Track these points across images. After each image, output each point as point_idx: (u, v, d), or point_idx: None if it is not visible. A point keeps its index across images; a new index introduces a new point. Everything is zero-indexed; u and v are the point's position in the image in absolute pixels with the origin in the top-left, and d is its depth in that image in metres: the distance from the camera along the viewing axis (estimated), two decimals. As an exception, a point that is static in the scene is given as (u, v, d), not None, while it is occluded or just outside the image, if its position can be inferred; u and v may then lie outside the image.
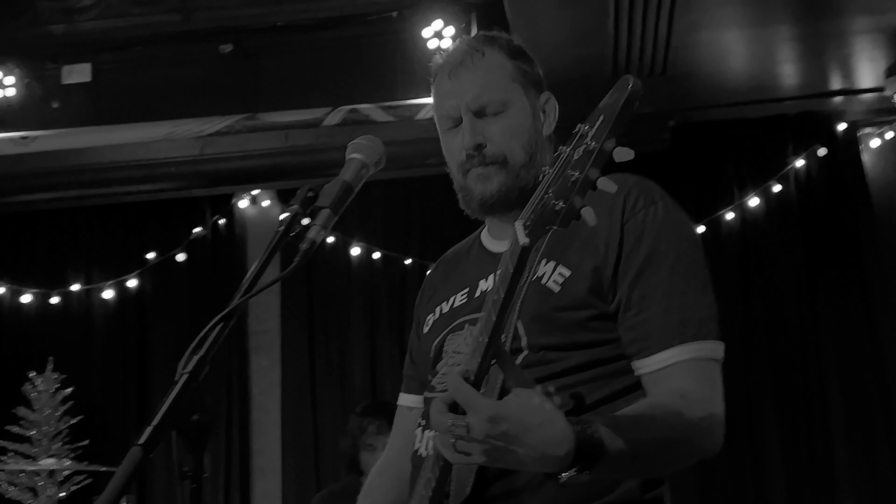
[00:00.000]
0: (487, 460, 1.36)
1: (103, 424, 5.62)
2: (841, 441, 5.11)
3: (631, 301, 1.65)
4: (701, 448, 1.59)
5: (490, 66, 1.83)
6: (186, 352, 1.60)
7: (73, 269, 5.96)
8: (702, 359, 1.61)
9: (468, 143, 1.80)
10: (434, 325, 1.91)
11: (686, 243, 1.72)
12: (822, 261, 5.32)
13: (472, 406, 1.34)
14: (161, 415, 1.50)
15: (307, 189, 1.80)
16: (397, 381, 5.82)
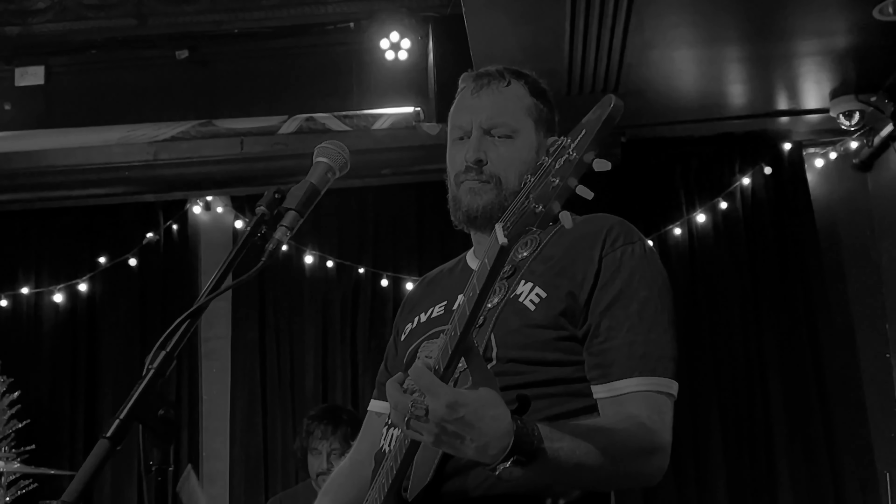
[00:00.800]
0: (434, 442, 1.45)
1: (51, 429, 5.56)
2: (782, 452, 5.19)
3: (599, 329, 1.75)
4: (643, 472, 1.67)
5: (511, 96, 1.96)
6: (154, 348, 1.62)
7: (23, 271, 5.88)
8: (657, 392, 1.71)
9: (470, 156, 1.91)
10: (411, 334, 2.00)
11: (658, 285, 1.82)
12: (766, 276, 5.42)
13: (433, 391, 1.42)
14: (128, 408, 1.53)
15: (274, 191, 1.84)
16: (349, 388, 5.85)
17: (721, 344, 5.31)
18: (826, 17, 4.29)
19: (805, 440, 5.20)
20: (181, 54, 5.63)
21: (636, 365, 1.70)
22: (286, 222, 1.80)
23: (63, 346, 5.79)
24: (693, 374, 5.08)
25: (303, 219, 1.81)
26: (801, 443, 5.19)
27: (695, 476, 5.20)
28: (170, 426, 1.57)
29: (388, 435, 1.89)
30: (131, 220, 5.87)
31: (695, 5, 4.20)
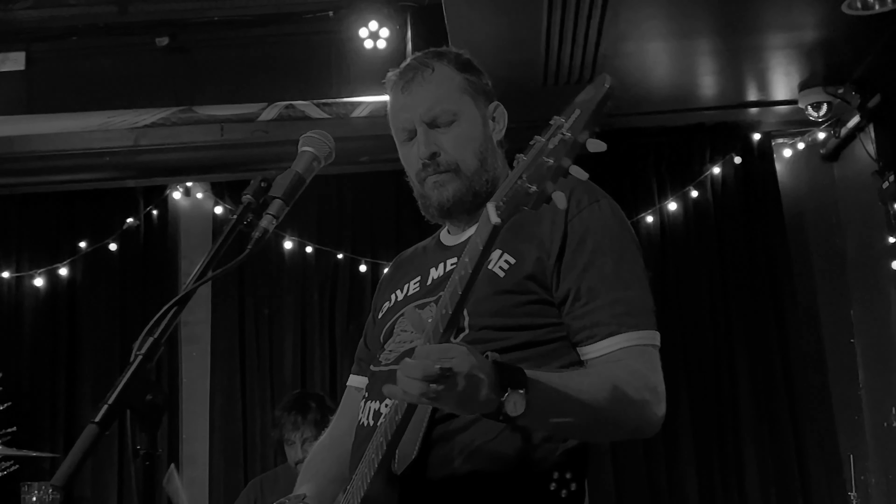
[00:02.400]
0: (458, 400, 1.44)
1: (31, 412, 5.52)
2: (749, 433, 5.24)
3: (580, 292, 1.74)
4: (640, 417, 1.69)
5: (440, 80, 1.92)
6: (142, 334, 1.62)
7: (3, 256, 5.82)
8: (644, 345, 1.73)
9: (423, 152, 1.89)
10: (388, 311, 2.00)
11: (628, 242, 1.82)
12: (734, 262, 5.45)
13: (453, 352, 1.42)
14: (116, 394, 1.52)
15: (260, 179, 1.83)
16: (327, 372, 5.84)
17: (690, 328, 5.34)
18: (795, 11, 4.31)
19: (771, 422, 5.24)
20: (161, 41, 5.57)
21: (621, 322, 1.71)
22: (272, 210, 1.80)
23: (44, 329, 5.74)
24: (663, 357, 5.04)
25: (288, 207, 1.81)
26: (767, 424, 5.24)
27: (664, 455, 5.25)
28: (158, 411, 1.57)
29: (367, 409, 1.89)
30: (112, 206, 5.82)
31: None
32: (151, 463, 1.54)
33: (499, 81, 2.00)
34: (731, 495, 5.09)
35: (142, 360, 1.58)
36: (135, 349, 1.60)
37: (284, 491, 4.22)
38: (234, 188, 5.73)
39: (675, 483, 5.22)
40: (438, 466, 1.70)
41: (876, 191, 4.94)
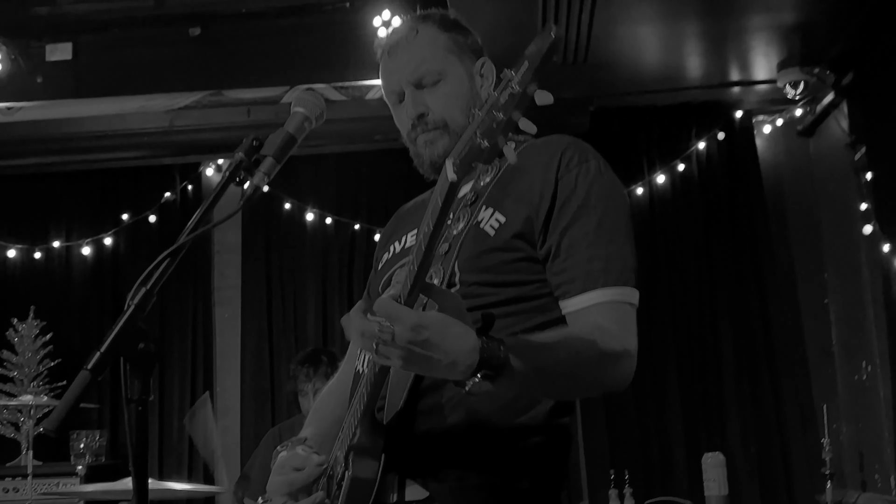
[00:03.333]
0: (403, 365, 1.32)
1: (79, 366, 5.40)
2: (731, 387, 5.15)
3: (560, 248, 1.62)
4: (611, 377, 1.55)
5: (424, 42, 1.80)
6: (135, 284, 1.51)
7: (54, 227, 5.79)
8: (619, 302, 1.59)
9: (411, 113, 1.78)
10: (386, 262, 1.88)
11: (614, 200, 1.68)
12: (717, 230, 5.34)
13: (397, 316, 1.30)
14: (109, 342, 1.43)
15: (252, 138, 1.71)
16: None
17: (677, 290, 5.26)
18: (775, -6, 4.17)
19: (751, 375, 5.16)
20: (194, 32, 5.53)
21: (597, 278, 1.58)
22: (263, 168, 1.67)
23: (90, 293, 5.72)
24: (651, 317, 5.02)
25: (279, 165, 1.68)
26: (747, 377, 5.16)
27: (653, 405, 5.17)
28: (150, 359, 1.46)
29: (362, 356, 1.77)
30: (151, 181, 5.77)
31: (656, -17, 4.08)
32: (143, 408, 1.44)
33: (497, 62, 1.90)
34: (714, 442, 4.98)
35: (134, 310, 1.47)
36: (128, 299, 1.49)
37: None
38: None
39: (662, 430, 5.15)
40: (426, 416, 1.59)
41: (849, 162, 4.83)
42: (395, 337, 1.28)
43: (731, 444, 5.01)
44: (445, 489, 1.58)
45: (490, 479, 1.58)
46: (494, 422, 1.59)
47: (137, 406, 1.44)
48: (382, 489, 1.57)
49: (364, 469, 1.55)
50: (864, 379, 4.90)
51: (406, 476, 1.59)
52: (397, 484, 1.59)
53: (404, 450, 1.58)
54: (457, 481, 1.57)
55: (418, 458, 1.59)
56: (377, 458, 1.56)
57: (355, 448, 1.57)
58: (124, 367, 1.45)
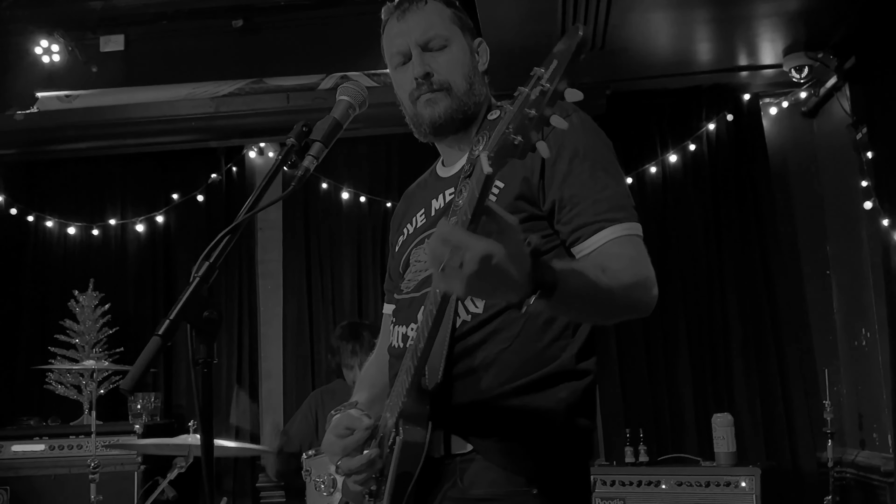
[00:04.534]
0: (466, 291, 1.26)
1: (135, 334, 5.56)
2: (738, 351, 5.14)
3: (563, 200, 1.64)
4: (642, 300, 1.57)
5: (433, 10, 1.82)
6: (199, 259, 1.55)
7: (110, 206, 5.85)
8: (630, 235, 1.61)
9: (418, 72, 1.78)
10: (403, 244, 1.90)
11: (600, 145, 1.70)
12: (726, 206, 5.30)
13: (467, 245, 1.23)
14: (177, 310, 1.47)
15: (301, 125, 1.75)
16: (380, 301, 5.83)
17: (687, 262, 5.24)
18: (781, -18, 4.13)
19: (757, 342, 5.14)
20: (237, 23, 5.59)
21: (605, 218, 1.60)
22: (313, 152, 1.71)
23: (144, 266, 5.78)
24: (663, 287, 4.93)
25: (327, 149, 1.72)
26: (753, 344, 5.13)
27: (665, 371, 5.17)
28: (213, 325, 1.50)
29: (396, 332, 1.82)
30: (198, 164, 5.80)
31: (668, -28, 4.05)
32: (209, 370, 1.49)
33: (520, 50, 1.91)
34: (722, 404, 5.00)
35: (199, 282, 1.52)
36: (193, 272, 1.53)
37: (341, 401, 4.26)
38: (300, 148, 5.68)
39: (674, 393, 5.15)
40: (463, 379, 1.63)
41: (850, 142, 4.77)
42: (465, 264, 1.22)
43: (738, 405, 5.00)
44: (487, 443, 1.60)
45: (527, 427, 1.60)
46: (526, 373, 1.61)
47: (203, 368, 1.49)
48: (430, 445, 1.60)
49: (414, 434, 1.58)
50: (863, 345, 4.89)
51: (451, 432, 1.62)
52: (443, 439, 1.62)
53: (448, 409, 1.62)
54: (497, 434, 1.60)
55: (461, 416, 1.62)
56: (425, 424, 1.59)
57: (405, 415, 1.60)
58: (190, 332, 1.49)
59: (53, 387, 5.19)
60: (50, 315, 5.53)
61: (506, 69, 2.25)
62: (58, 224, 5.78)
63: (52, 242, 5.81)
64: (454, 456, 1.62)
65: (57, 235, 5.81)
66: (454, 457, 1.62)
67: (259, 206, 1.65)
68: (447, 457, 1.62)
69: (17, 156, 5.66)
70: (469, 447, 1.62)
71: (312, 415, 4.33)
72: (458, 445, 1.62)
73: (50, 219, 5.78)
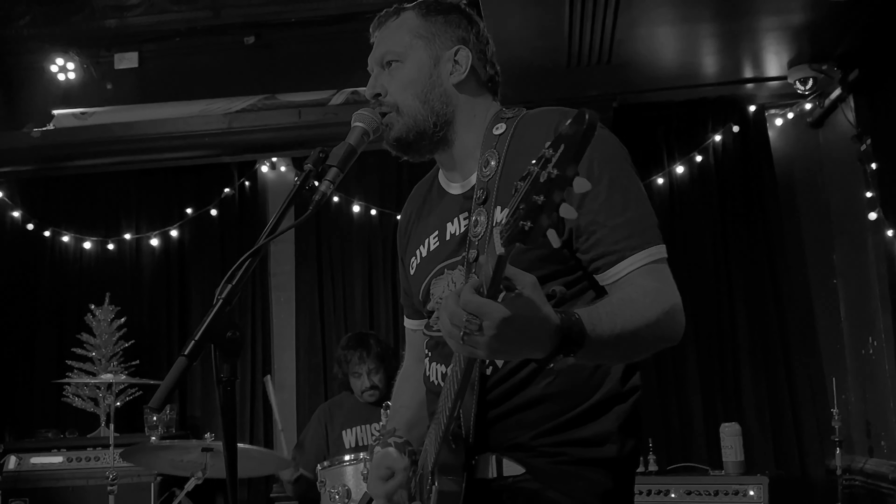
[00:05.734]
0: (489, 354, 1.25)
1: (150, 347, 5.63)
2: (746, 360, 5.17)
3: (580, 228, 1.56)
4: (670, 331, 1.52)
5: (398, 25, 1.77)
6: (222, 281, 1.60)
7: (125, 221, 5.92)
8: (653, 262, 1.55)
9: (368, 92, 1.78)
10: (418, 269, 1.84)
11: (616, 162, 1.60)
12: (733, 217, 5.34)
13: (485, 312, 1.21)
14: (201, 331, 1.51)
15: (319, 150, 1.78)
16: (391, 312, 5.86)
17: (696, 273, 5.26)
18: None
19: (765, 351, 5.16)
20: (249, 40, 5.61)
21: (626, 246, 1.53)
22: (329, 177, 1.74)
23: (159, 280, 5.84)
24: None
25: (343, 174, 1.76)
26: (761, 353, 5.16)
27: (673, 381, 5.20)
28: (236, 345, 1.55)
29: (433, 369, 1.77)
30: (211, 178, 5.87)
31: (673, -12, 4.10)
32: (231, 388, 1.53)
33: (528, 65, 1.89)
34: (730, 413, 5.02)
35: (222, 303, 1.56)
36: (217, 294, 1.58)
37: (348, 413, 4.31)
38: (312, 162, 5.75)
39: (683, 402, 5.18)
40: (508, 418, 1.60)
41: (855, 153, 4.80)
42: (484, 329, 1.21)
43: (746, 414, 5.03)
44: (539, 467, 1.59)
45: (579, 453, 1.59)
46: (573, 405, 1.59)
47: (227, 387, 1.54)
48: (481, 467, 1.59)
49: (449, 484, 1.57)
50: (870, 353, 4.91)
51: (503, 457, 1.60)
52: (495, 461, 1.60)
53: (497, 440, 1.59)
54: (550, 460, 1.59)
55: (512, 446, 1.60)
56: (460, 473, 1.57)
57: (439, 465, 1.59)
58: (214, 352, 1.54)
59: (71, 399, 5.25)
60: (67, 328, 5.59)
61: (514, 85, 2.27)
62: (74, 239, 5.86)
63: (69, 257, 5.88)
64: (507, 478, 1.60)
65: (73, 250, 5.88)
66: (507, 478, 1.60)
67: (278, 230, 1.70)
68: (500, 478, 1.60)
69: (34, 172, 5.71)
70: (521, 469, 1.59)
71: (323, 428, 4.37)
72: (510, 468, 1.60)
73: (66, 234, 5.85)
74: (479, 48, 1.78)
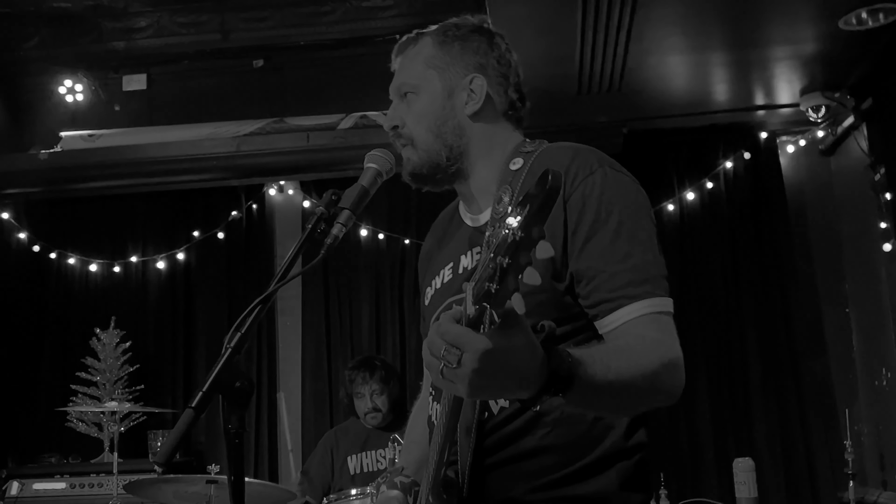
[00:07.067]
0: (470, 392, 1.16)
1: (155, 371, 5.59)
2: (757, 391, 5.12)
3: (580, 273, 1.48)
4: (667, 386, 1.42)
5: (414, 55, 1.74)
6: (231, 329, 1.56)
7: (131, 243, 5.89)
8: (654, 313, 1.45)
9: (387, 124, 1.75)
10: (432, 300, 1.79)
11: (626, 206, 1.51)
12: (744, 244, 5.31)
13: (465, 342, 1.13)
14: (210, 382, 1.47)
15: (331, 193, 1.76)
16: (397, 337, 5.82)
17: (706, 301, 5.23)
18: (797, 27, 4.16)
19: (776, 381, 5.12)
20: (257, 63, 5.62)
21: (623, 294, 1.43)
22: (341, 220, 1.72)
23: (165, 304, 5.81)
24: (681, 326, 4.90)
25: (355, 217, 1.74)
26: (773, 384, 5.12)
27: (684, 413, 5.15)
28: (245, 395, 1.52)
29: (433, 407, 1.71)
30: (219, 201, 5.85)
31: (686, 19, 4.08)
32: (240, 440, 1.50)
33: (539, 92, 1.84)
34: (742, 445, 4.96)
35: (231, 352, 1.52)
36: (225, 343, 1.54)
37: (354, 439, 4.27)
38: (320, 186, 5.76)
39: (693, 436, 5.13)
40: (503, 467, 1.54)
41: (868, 182, 4.78)
42: (462, 363, 1.13)
43: (758, 446, 4.97)
44: None
45: None
46: (572, 460, 1.52)
47: (235, 438, 1.50)
48: None
49: None
50: (883, 384, 4.85)
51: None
52: None
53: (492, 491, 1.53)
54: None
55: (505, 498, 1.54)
56: None
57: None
58: (223, 403, 1.50)
59: (74, 424, 5.21)
60: (71, 352, 5.56)
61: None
62: (80, 261, 5.83)
63: (74, 279, 5.86)
64: None
65: (79, 272, 5.85)
66: None
67: (288, 276, 1.67)
68: None
69: (41, 194, 5.70)
70: None
71: (329, 455, 4.34)
72: None
73: (72, 256, 5.83)
74: (500, 73, 1.72)
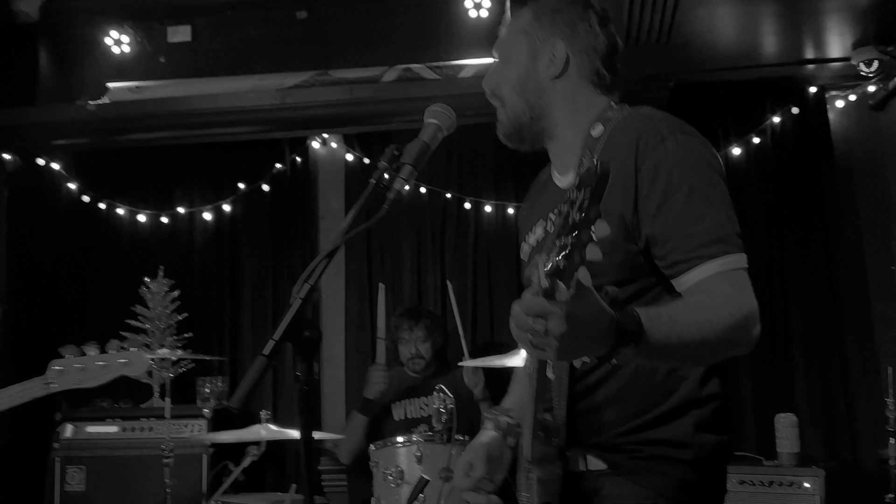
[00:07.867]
0: (558, 355, 1.28)
1: (203, 319, 5.70)
2: (799, 348, 5.10)
3: (656, 237, 1.59)
4: (739, 338, 1.52)
5: (513, 23, 1.88)
6: (299, 279, 1.62)
7: (178, 195, 5.97)
8: (728, 270, 1.56)
9: (484, 85, 1.91)
10: (529, 256, 1.93)
11: (697, 170, 1.62)
12: (790, 200, 5.25)
13: (547, 312, 1.23)
14: (281, 331, 1.54)
15: (393, 148, 1.80)
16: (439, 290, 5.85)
17: (750, 258, 5.06)
18: (852, -23, 4.07)
19: (818, 339, 5.09)
20: (301, 15, 5.57)
21: (699, 254, 1.54)
22: (403, 174, 1.76)
23: (211, 253, 5.89)
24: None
25: (417, 172, 1.77)
26: (814, 341, 5.09)
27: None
28: (313, 345, 1.58)
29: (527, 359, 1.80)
30: (263, 154, 5.88)
31: (736, -31, 4.01)
32: (309, 387, 1.56)
33: None
34: (781, 403, 4.97)
35: (301, 303, 1.58)
36: (294, 293, 1.60)
37: (398, 387, 4.43)
38: (363, 139, 5.79)
39: (735, 392, 5.12)
40: (588, 415, 1.67)
41: (920, 138, 4.69)
42: (549, 331, 1.24)
43: (798, 403, 4.97)
44: (620, 463, 1.65)
45: (657, 452, 1.64)
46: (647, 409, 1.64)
47: (304, 385, 1.56)
48: (571, 461, 1.67)
49: (548, 472, 1.64)
50: (928, 342, 4.83)
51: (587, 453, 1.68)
52: (582, 457, 1.68)
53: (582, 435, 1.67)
54: (629, 457, 1.65)
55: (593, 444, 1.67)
56: (554, 461, 1.65)
57: (535, 457, 1.65)
58: (293, 351, 1.56)
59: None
60: (120, 301, 5.67)
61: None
62: (128, 212, 5.93)
63: (123, 229, 5.96)
64: (593, 472, 1.68)
65: (127, 223, 5.95)
66: (593, 472, 1.68)
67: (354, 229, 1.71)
68: (587, 472, 1.68)
69: (89, 145, 5.76)
70: (604, 465, 1.66)
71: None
72: (594, 463, 1.67)
73: (121, 206, 5.92)
74: (588, 42, 1.83)
